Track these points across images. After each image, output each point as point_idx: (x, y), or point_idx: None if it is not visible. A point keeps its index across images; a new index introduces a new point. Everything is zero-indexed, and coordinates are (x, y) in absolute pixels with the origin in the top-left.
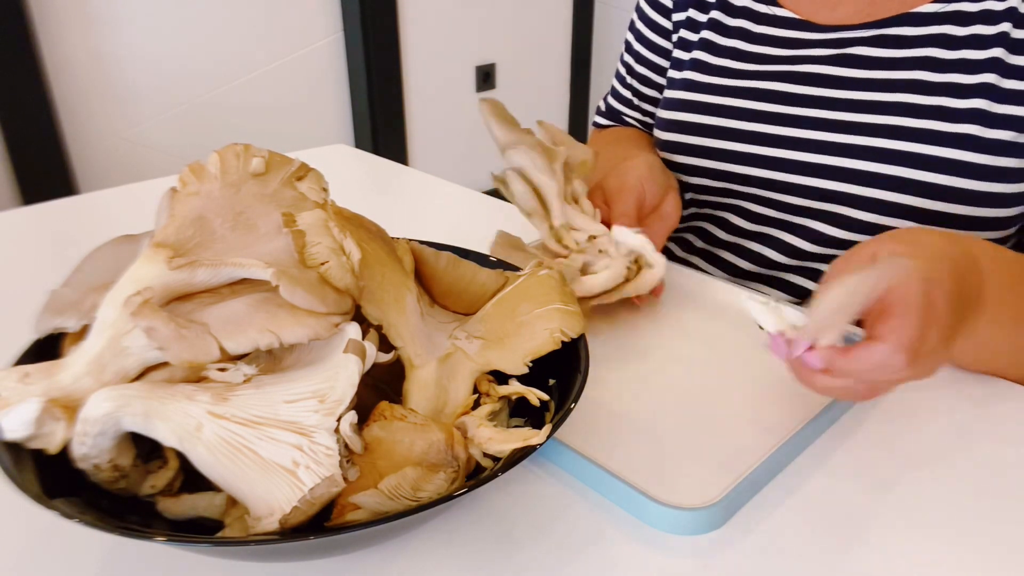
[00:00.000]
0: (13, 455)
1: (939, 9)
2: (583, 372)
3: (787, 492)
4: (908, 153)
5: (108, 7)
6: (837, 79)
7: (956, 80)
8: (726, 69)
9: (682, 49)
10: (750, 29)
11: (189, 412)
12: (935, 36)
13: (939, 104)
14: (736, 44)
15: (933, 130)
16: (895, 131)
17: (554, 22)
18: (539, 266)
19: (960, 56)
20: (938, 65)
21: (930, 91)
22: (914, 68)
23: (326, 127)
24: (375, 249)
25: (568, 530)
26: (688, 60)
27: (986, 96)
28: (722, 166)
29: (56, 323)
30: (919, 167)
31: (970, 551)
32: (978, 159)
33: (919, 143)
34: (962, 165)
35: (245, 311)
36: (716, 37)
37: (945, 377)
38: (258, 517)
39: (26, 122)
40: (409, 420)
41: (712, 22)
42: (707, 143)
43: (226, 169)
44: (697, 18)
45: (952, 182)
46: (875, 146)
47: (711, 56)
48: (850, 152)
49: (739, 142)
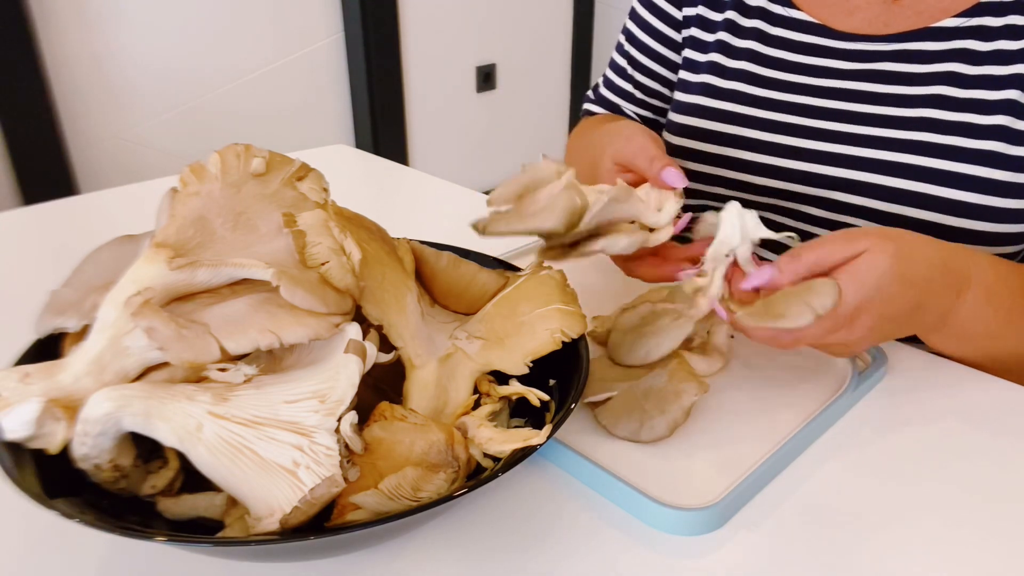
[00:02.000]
0: (14, 455)
1: (961, 24)
2: (583, 372)
3: (787, 493)
4: (932, 169)
5: (108, 7)
6: (861, 93)
7: (981, 96)
8: (744, 73)
9: (695, 49)
10: (765, 31)
11: (189, 412)
12: (958, 51)
13: (964, 120)
14: (751, 45)
15: (958, 146)
16: (919, 147)
17: (555, 22)
18: (539, 266)
19: (984, 72)
20: (962, 81)
21: (955, 107)
22: (938, 83)
23: (327, 127)
24: (376, 249)
25: (568, 530)
26: (704, 63)
27: (1010, 113)
28: (740, 176)
29: (56, 323)
30: (943, 183)
31: (970, 551)
32: (1002, 176)
33: (944, 159)
34: (985, 182)
35: (246, 311)
36: (731, 39)
37: (945, 377)
38: (258, 517)
39: (26, 123)
40: (409, 420)
41: (727, 22)
42: (725, 152)
43: (227, 169)
44: (711, 17)
45: (975, 199)
46: (899, 161)
47: (727, 59)
48: (873, 167)
49: (759, 153)
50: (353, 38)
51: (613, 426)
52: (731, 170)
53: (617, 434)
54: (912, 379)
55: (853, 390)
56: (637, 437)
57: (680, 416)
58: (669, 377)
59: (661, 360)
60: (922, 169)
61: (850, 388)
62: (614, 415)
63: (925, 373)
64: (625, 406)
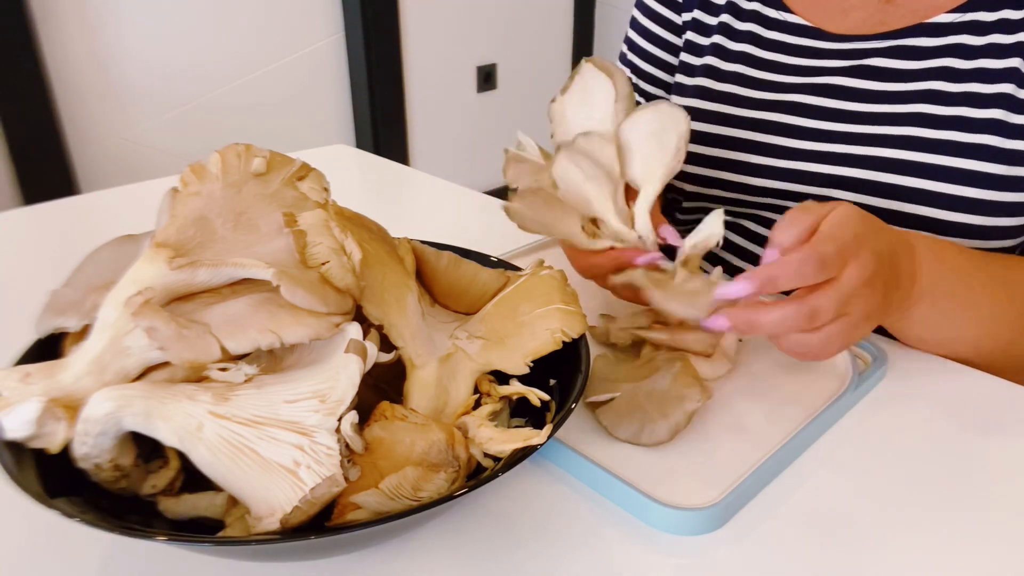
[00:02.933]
0: (14, 455)
1: (955, 19)
2: (584, 372)
3: (787, 493)
4: (926, 164)
5: (109, 7)
6: (854, 91)
7: (974, 90)
8: (739, 76)
9: (691, 53)
10: (760, 34)
11: (190, 412)
12: (952, 46)
13: (958, 114)
14: (746, 48)
15: (951, 140)
16: (913, 142)
17: (555, 22)
18: (540, 266)
19: (978, 65)
20: (955, 75)
21: (948, 101)
22: (931, 79)
23: (327, 127)
24: (376, 249)
25: (568, 530)
26: (700, 66)
27: (1004, 106)
28: (737, 178)
29: (57, 323)
30: (936, 178)
31: (971, 551)
32: (996, 169)
33: (937, 154)
34: (979, 176)
35: (246, 311)
36: (726, 42)
37: (945, 377)
38: (259, 517)
39: (27, 122)
40: (410, 420)
41: (722, 26)
42: (722, 154)
43: (227, 169)
44: (706, 21)
45: (969, 192)
46: (892, 157)
47: (722, 62)
48: (867, 163)
49: (755, 154)
50: (353, 38)
51: (614, 427)
52: (727, 171)
53: (618, 436)
54: (912, 379)
55: (853, 390)
56: (638, 440)
57: (682, 421)
58: (673, 380)
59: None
60: (916, 164)
61: (850, 388)
62: (615, 416)
63: (925, 374)
64: (627, 408)
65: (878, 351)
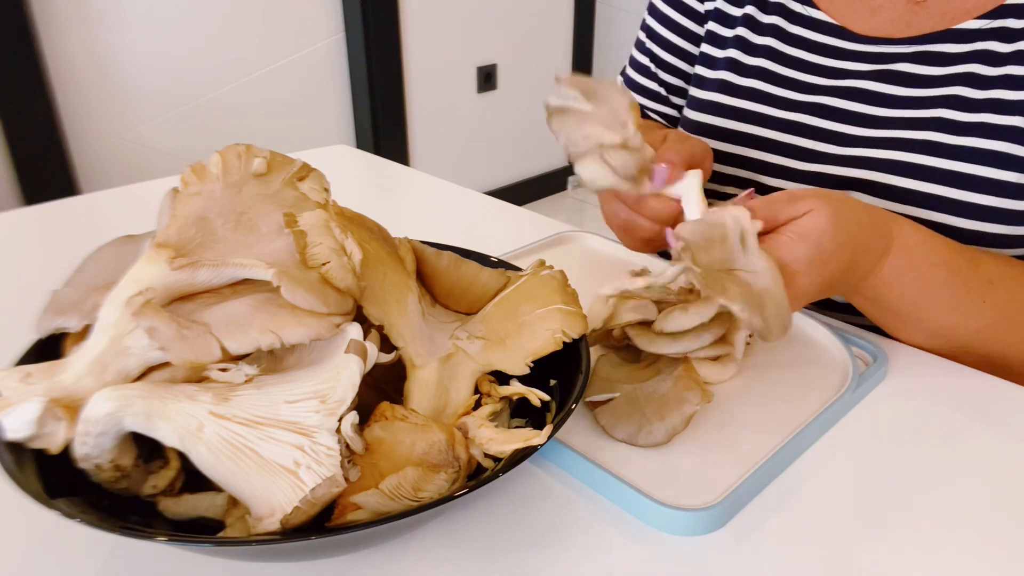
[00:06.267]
0: (15, 455)
1: (983, 25)
2: (584, 372)
3: (787, 493)
4: (943, 170)
5: (110, 8)
6: (878, 95)
7: (999, 96)
8: (762, 71)
9: (713, 45)
10: (785, 28)
11: (191, 412)
12: (978, 52)
13: (978, 120)
14: (770, 43)
15: (969, 147)
16: (931, 147)
17: (555, 22)
18: (541, 266)
19: (1004, 72)
20: (980, 82)
21: (970, 108)
22: (955, 84)
23: (328, 127)
24: (376, 249)
25: (568, 530)
26: (722, 59)
27: None
28: (752, 176)
29: (58, 323)
30: (953, 184)
31: (971, 551)
32: (1013, 178)
33: (954, 160)
34: (996, 183)
35: (247, 311)
36: (750, 35)
37: (945, 377)
38: (259, 517)
39: (28, 123)
40: (410, 420)
41: (746, 18)
42: (739, 151)
43: (228, 169)
44: (730, 12)
45: (985, 200)
46: (910, 162)
47: (746, 56)
48: (884, 167)
49: (774, 154)
50: (354, 38)
51: (612, 428)
52: (744, 169)
53: (615, 436)
54: (912, 379)
55: (853, 390)
56: (634, 441)
57: (679, 424)
58: (674, 383)
59: (669, 363)
60: (932, 170)
61: (850, 388)
62: (613, 417)
63: (925, 373)
64: (626, 409)
65: (878, 351)
